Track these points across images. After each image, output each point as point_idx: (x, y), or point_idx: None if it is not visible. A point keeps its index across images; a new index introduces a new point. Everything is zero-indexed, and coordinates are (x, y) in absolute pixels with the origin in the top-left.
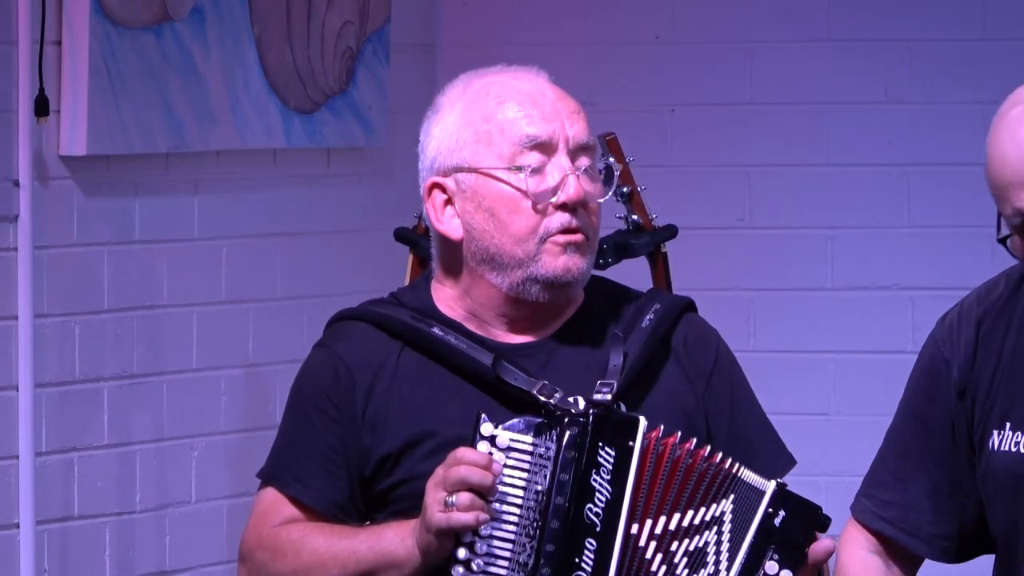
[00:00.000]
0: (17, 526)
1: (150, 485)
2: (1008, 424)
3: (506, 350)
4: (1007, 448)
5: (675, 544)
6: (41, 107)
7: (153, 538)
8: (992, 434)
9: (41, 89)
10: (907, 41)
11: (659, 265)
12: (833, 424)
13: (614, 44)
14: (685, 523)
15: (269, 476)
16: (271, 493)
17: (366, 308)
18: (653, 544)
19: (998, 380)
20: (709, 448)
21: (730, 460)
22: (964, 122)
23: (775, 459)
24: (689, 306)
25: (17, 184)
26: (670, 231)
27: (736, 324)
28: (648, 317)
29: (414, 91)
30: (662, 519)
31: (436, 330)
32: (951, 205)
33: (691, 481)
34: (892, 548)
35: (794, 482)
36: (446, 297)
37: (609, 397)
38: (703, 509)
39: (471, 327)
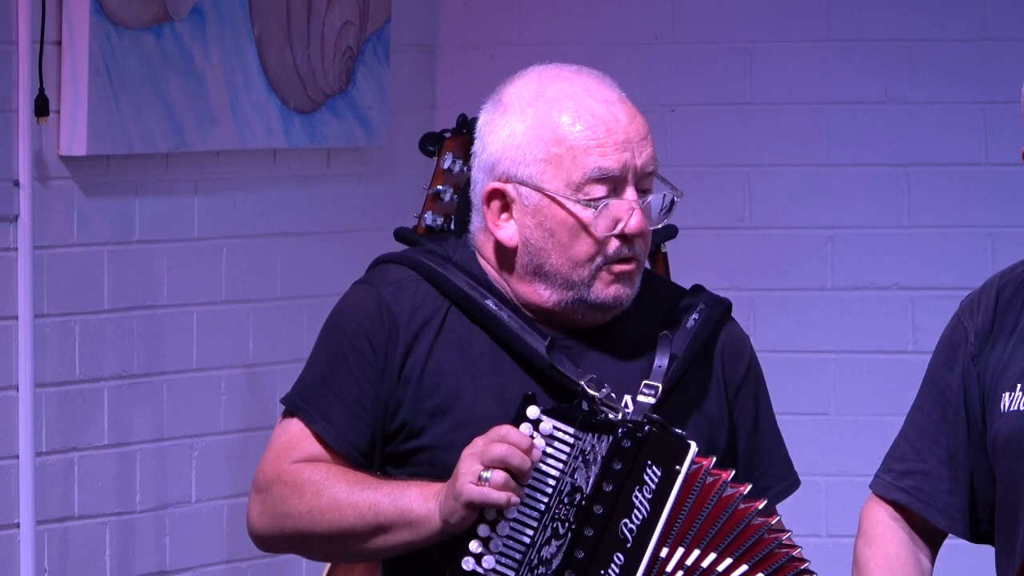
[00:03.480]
0: (17, 526)
1: (150, 485)
2: (1019, 386)
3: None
4: (1016, 408)
5: None
6: (41, 107)
7: (153, 538)
8: (1003, 396)
9: (41, 89)
10: (907, 41)
11: (659, 265)
12: (833, 424)
13: (614, 44)
14: (721, 568)
15: (296, 407)
16: (296, 426)
17: (419, 259)
18: (681, 573)
19: (1013, 343)
20: (766, 503)
21: (800, 550)
22: (964, 122)
23: (783, 477)
24: (729, 309)
25: (17, 184)
26: (670, 231)
27: None
28: (693, 317)
29: (414, 91)
30: (696, 552)
31: (491, 303)
32: (951, 205)
33: (737, 528)
34: (910, 519)
35: None
36: (490, 271)
37: (653, 400)
38: (745, 567)
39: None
